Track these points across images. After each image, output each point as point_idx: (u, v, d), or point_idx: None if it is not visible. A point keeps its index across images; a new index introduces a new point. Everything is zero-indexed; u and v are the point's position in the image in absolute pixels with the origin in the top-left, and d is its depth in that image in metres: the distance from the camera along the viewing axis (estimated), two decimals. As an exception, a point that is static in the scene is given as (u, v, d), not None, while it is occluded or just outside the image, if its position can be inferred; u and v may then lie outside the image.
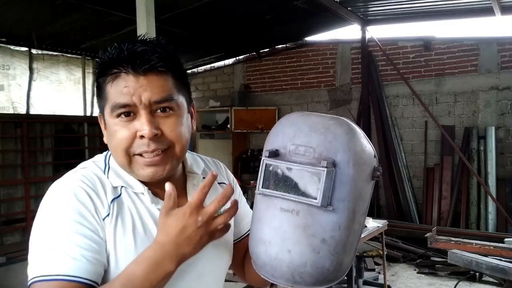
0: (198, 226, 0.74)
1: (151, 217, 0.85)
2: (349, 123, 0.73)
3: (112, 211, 0.81)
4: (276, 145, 0.75)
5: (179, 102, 0.85)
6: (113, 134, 0.83)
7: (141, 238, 0.82)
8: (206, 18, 5.35)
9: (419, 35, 5.86)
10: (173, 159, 0.85)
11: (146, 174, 0.83)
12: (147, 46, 0.82)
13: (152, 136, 0.80)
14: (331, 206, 0.68)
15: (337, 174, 0.68)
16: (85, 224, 0.77)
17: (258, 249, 0.75)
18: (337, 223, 0.69)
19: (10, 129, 5.33)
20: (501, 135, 5.34)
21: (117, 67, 0.80)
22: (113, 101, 0.81)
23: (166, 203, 0.76)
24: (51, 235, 0.76)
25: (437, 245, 3.54)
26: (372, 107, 6.09)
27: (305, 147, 0.71)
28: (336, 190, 0.68)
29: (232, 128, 6.81)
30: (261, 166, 0.74)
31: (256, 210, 0.78)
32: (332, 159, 0.68)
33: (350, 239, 0.72)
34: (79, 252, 0.75)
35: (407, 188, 5.82)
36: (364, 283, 4.04)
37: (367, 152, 0.73)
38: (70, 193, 0.79)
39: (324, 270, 0.71)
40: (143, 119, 0.80)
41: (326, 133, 0.71)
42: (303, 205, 0.69)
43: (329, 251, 0.70)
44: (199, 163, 1.00)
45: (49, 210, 0.78)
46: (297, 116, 0.77)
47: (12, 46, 5.66)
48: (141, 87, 0.80)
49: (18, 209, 5.38)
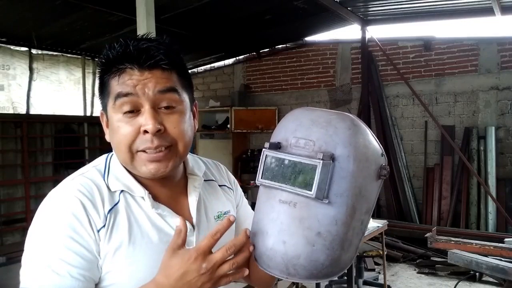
0: (201, 273, 0.71)
1: (150, 222, 0.84)
2: (354, 119, 0.73)
3: (109, 222, 0.80)
4: (279, 138, 0.76)
5: (182, 98, 0.85)
6: (116, 130, 0.82)
7: (139, 246, 0.81)
8: (206, 18, 5.34)
9: (419, 35, 5.86)
10: (176, 156, 0.85)
11: (149, 171, 0.83)
12: (152, 43, 0.82)
13: (155, 131, 0.79)
14: (327, 199, 0.68)
15: (336, 168, 0.68)
16: (76, 239, 0.76)
17: (256, 239, 0.76)
18: (334, 217, 0.69)
19: (10, 129, 5.33)
20: (501, 135, 5.34)
21: (123, 63, 0.81)
22: (116, 91, 0.81)
23: (174, 240, 0.74)
24: (41, 248, 0.76)
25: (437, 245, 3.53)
26: (372, 107, 6.09)
27: (305, 140, 0.72)
28: (334, 184, 0.68)
29: (232, 128, 6.81)
30: (261, 158, 0.75)
31: (257, 201, 0.79)
32: (331, 152, 0.68)
33: (349, 236, 0.71)
34: (66, 268, 0.74)
35: (407, 188, 5.82)
36: (364, 283, 4.04)
37: (372, 149, 0.72)
38: (64, 205, 0.78)
39: (318, 263, 0.70)
40: (147, 114, 0.80)
41: (327, 127, 0.71)
42: (300, 197, 0.69)
43: (324, 245, 0.69)
44: (200, 165, 0.99)
45: (42, 223, 0.78)
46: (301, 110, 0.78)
47: (12, 46, 5.66)
48: (146, 79, 0.80)
49: (18, 209, 5.38)
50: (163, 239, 0.84)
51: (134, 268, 0.80)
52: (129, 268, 0.79)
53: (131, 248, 0.80)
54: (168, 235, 0.85)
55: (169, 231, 0.85)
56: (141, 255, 0.81)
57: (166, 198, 0.89)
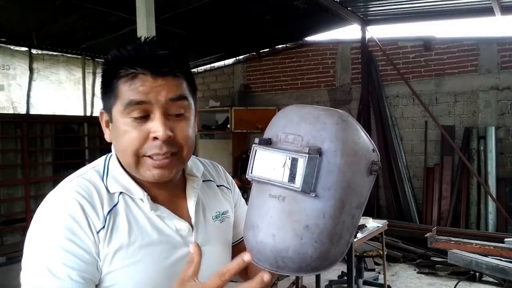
0: None
1: (149, 224, 0.84)
2: (342, 114, 0.74)
3: (108, 224, 0.80)
4: (270, 134, 0.77)
5: (190, 104, 0.86)
6: (123, 134, 0.82)
7: (139, 247, 0.81)
8: (206, 18, 5.35)
9: (419, 35, 5.86)
10: (180, 162, 0.85)
11: (153, 176, 0.83)
12: (167, 50, 0.82)
13: (166, 138, 0.79)
14: (313, 193, 0.69)
15: (323, 162, 0.69)
16: (75, 241, 0.76)
17: (248, 234, 0.77)
18: (322, 210, 0.70)
19: (10, 129, 5.33)
20: (501, 135, 5.34)
21: (134, 67, 0.80)
22: (127, 98, 0.80)
23: (185, 270, 0.72)
24: (39, 252, 0.75)
25: (437, 245, 3.53)
26: (372, 107, 6.09)
27: (294, 136, 0.73)
28: (321, 178, 0.69)
29: (232, 128, 6.81)
30: (251, 153, 0.77)
31: (250, 196, 0.80)
32: (318, 147, 0.70)
33: (338, 229, 0.72)
34: (65, 271, 0.74)
35: (407, 188, 5.82)
36: (364, 283, 4.04)
37: (361, 144, 0.73)
38: (62, 208, 0.78)
39: (306, 256, 0.71)
40: (158, 121, 0.80)
41: (315, 122, 0.72)
42: (289, 191, 0.71)
43: (312, 238, 0.70)
44: (199, 166, 0.99)
45: (40, 226, 0.78)
46: (292, 107, 0.79)
47: (12, 46, 5.67)
48: (159, 86, 0.80)
49: (18, 209, 5.38)
50: (163, 241, 0.84)
51: (133, 269, 0.80)
52: (128, 269, 0.79)
53: (131, 249, 0.80)
54: (167, 236, 0.85)
55: (169, 232, 0.86)
56: (140, 256, 0.81)
57: (165, 199, 0.89)
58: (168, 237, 0.85)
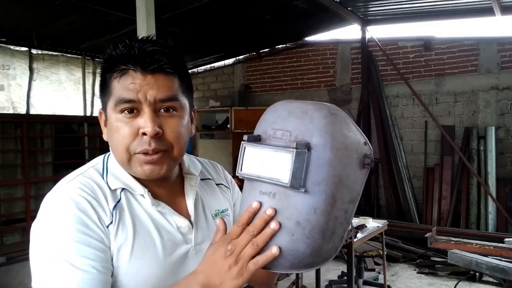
0: (227, 255, 0.72)
1: (151, 219, 0.85)
2: (331, 108, 0.73)
3: (115, 219, 0.80)
4: (259, 131, 0.77)
5: (182, 104, 0.85)
6: (115, 130, 0.83)
7: (142, 243, 0.82)
8: (206, 18, 5.35)
9: (419, 35, 5.86)
10: (170, 160, 0.85)
11: (143, 172, 0.83)
12: (157, 46, 0.82)
13: (154, 134, 0.80)
14: (303, 188, 0.68)
15: (313, 157, 0.68)
16: (89, 233, 0.76)
17: None
18: (313, 206, 0.69)
19: (10, 129, 5.33)
20: (501, 135, 5.34)
21: (126, 63, 0.80)
22: (118, 96, 0.81)
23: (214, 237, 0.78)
24: (55, 249, 0.74)
25: (437, 245, 3.53)
26: (372, 107, 6.09)
27: (282, 131, 0.72)
28: (311, 173, 0.68)
29: (232, 128, 6.80)
30: (240, 150, 0.76)
31: (242, 194, 0.80)
32: (307, 141, 0.69)
33: (330, 225, 0.71)
34: (87, 263, 0.74)
35: (407, 188, 5.82)
36: (364, 283, 4.04)
37: (352, 138, 0.72)
38: (70, 202, 0.77)
39: (299, 253, 0.70)
40: (146, 117, 0.80)
41: (303, 117, 0.71)
42: (279, 187, 0.70)
43: (304, 234, 0.69)
44: (196, 164, 1.00)
45: (49, 224, 0.76)
46: (280, 103, 0.79)
47: (12, 46, 5.67)
48: (148, 85, 0.80)
49: (18, 209, 5.39)
50: (164, 236, 0.85)
51: (137, 264, 0.80)
52: (132, 265, 0.80)
53: (135, 244, 0.81)
54: (168, 232, 0.86)
55: (169, 228, 0.86)
56: (143, 252, 0.81)
57: (164, 197, 0.89)
58: (170, 234, 0.86)
